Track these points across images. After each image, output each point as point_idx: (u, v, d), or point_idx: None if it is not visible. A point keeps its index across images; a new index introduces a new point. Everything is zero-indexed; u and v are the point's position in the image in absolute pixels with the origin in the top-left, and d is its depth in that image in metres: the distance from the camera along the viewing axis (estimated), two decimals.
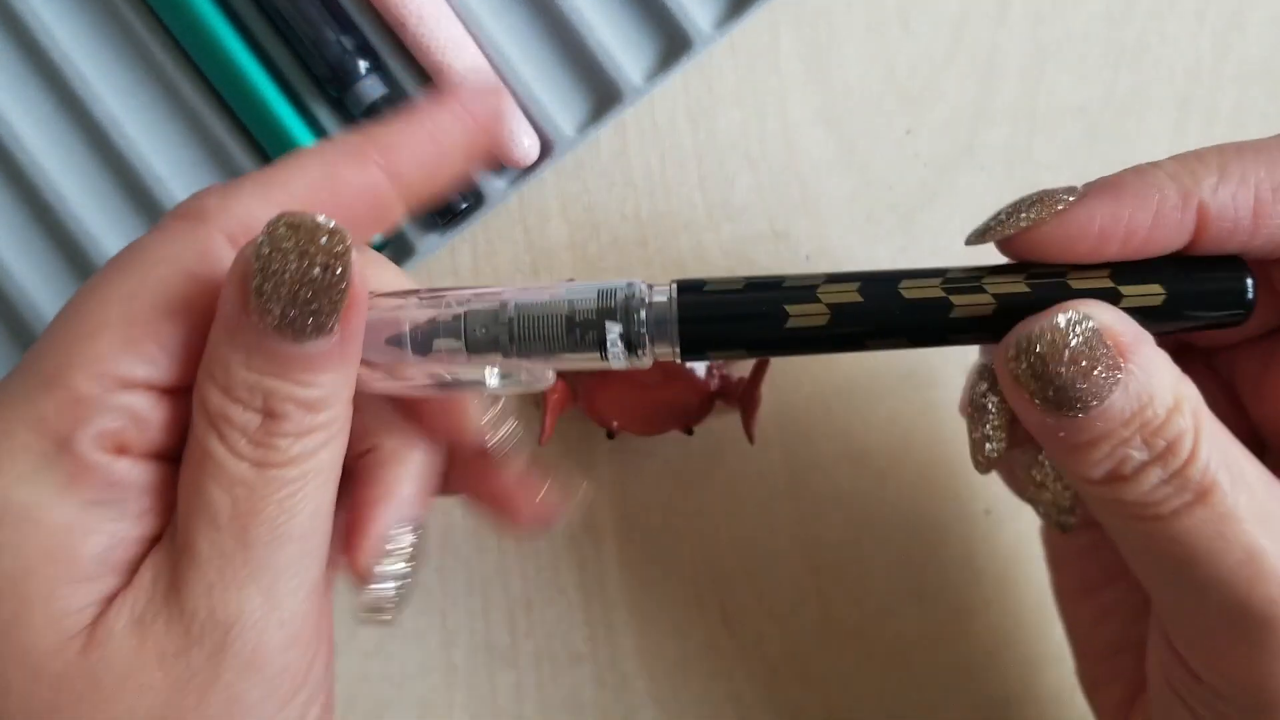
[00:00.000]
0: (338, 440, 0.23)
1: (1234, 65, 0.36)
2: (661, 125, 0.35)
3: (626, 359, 0.24)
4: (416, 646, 0.35)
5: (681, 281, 0.24)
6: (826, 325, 0.23)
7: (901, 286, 0.23)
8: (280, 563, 0.23)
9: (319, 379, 0.23)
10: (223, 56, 0.32)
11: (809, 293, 0.23)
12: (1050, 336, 0.22)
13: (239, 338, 0.22)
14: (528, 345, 0.24)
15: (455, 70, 0.33)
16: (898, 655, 0.36)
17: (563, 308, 0.23)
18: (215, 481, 0.22)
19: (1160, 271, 0.23)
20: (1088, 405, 0.22)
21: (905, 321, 0.23)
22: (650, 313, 0.23)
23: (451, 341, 0.24)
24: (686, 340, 0.23)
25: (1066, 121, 0.36)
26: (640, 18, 0.34)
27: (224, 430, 0.22)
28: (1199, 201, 0.23)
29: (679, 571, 0.35)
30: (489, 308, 0.24)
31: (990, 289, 0.23)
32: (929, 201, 0.36)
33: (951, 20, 0.36)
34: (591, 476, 0.35)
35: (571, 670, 0.35)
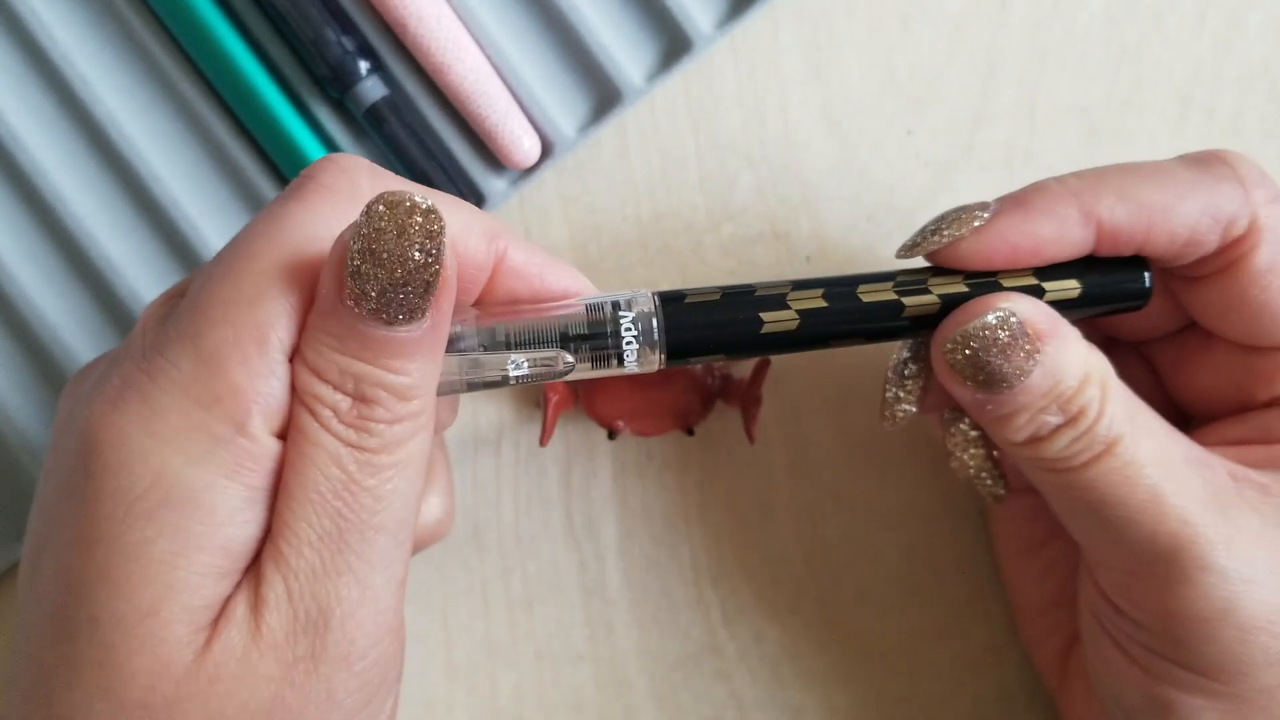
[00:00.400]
0: (426, 431, 0.24)
1: (1234, 66, 0.36)
2: (662, 126, 0.35)
3: (620, 365, 0.26)
4: (418, 646, 0.35)
5: (663, 293, 0.27)
6: (796, 330, 0.27)
7: (859, 291, 0.27)
8: (374, 553, 0.23)
9: (409, 365, 0.23)
10: (224, 57, 0.32)
11: (780, 300, 0.27)
12: (983, 332, 0.26)
13: (333, 321, 0.22)
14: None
15: (456, 71, 0.33)
16: (898, 654, 0.36)
17: (556, 328, 0.26)
18: (311, 461, 0.23)
19: (1076, 269, 0.27)
20: (1012, 384, 0.26)
21: (864, 322, 0.27)
22: (641, 326, 0.26)
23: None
24: (673, 348, 0.26)
25: (1067, 122, 0.36)
26: (641, 18, 0.34)
27: (316, 409, 0.23)
28: (1098, 219, 0.27)
29: (679, 571, 0.35)
30: (484, 329, 0.26)
31: (935, 290, 0.27)
32: (929, 202, 0.36)
33: (952, 21, 0.36)
34: (593, 477, 0.35)
35: (572, 670, 0.35)
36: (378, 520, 0.23)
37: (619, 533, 0.35)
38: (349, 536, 0.23)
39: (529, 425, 0.35)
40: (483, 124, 0.33)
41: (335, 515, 0.23)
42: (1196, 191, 0.27)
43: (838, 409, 0.36)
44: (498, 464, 0.35)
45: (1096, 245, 0.27)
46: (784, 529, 0.36)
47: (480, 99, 0.33)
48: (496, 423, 0.35)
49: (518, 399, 0.35)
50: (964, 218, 0.27)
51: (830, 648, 0.36)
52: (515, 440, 0.35)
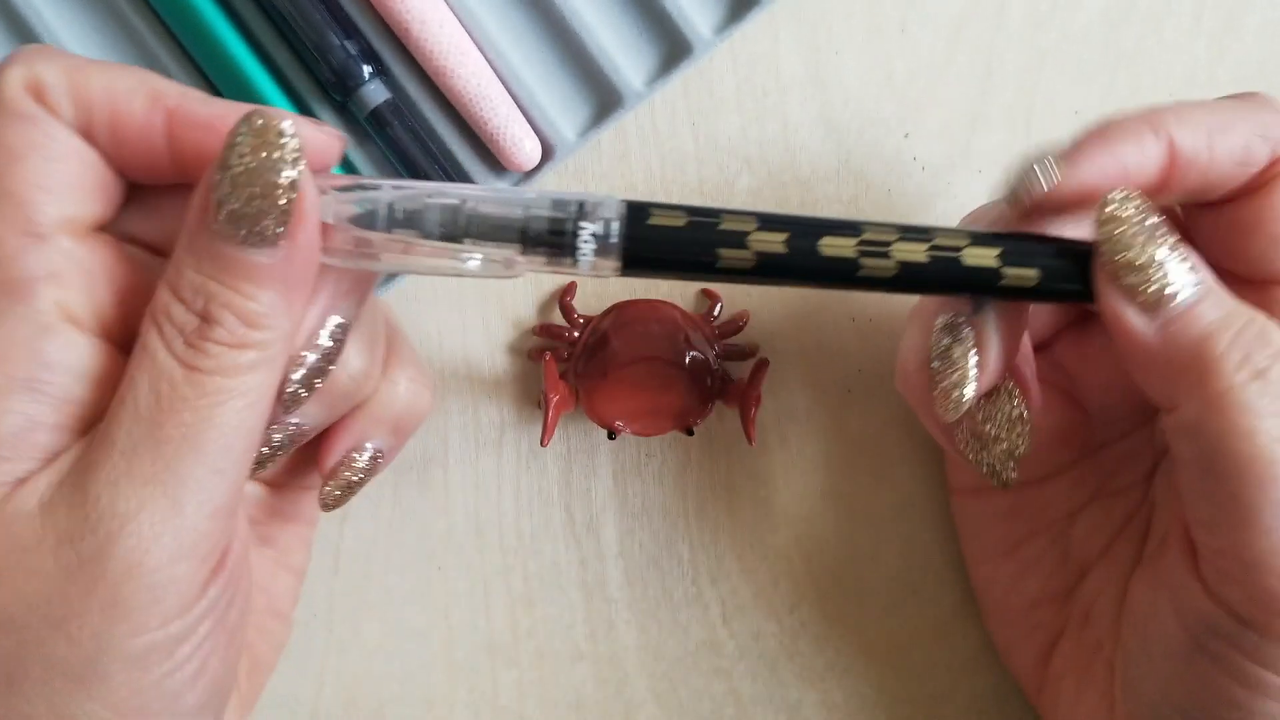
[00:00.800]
0: (269, 368, 0.24)
1: (1230, 69, 0.36)
2: (662, 129, 0.35)
3: (575, 265, 0.25)
4: (419, 644, 0.35)
5: (631, 202, 0.26)
6: (751, 269, 0.26)
7: (821, 244, 0.26)
8: (189, 471, 0.23)
9: (260, 293, 0.23)
10: (227, 61, 0.33)
11: (740, 239, 0.26)
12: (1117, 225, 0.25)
13: (195, 240, 0.23)
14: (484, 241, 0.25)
15: (459, 75, 0.33)
16: (897, 652, 0.36)
17: (518, 216, 0.25)
18: (144, 373, 0.23)
19: (1035, 258, 0.26)
20: None
21: (819, 272, 0.26)
22: (602, 228, 0.25)
23: (411, 233, 0.25)
24: (628, 258, 0.26)
25: (1064, 124, 0.36)
26: (641, 23, 0.34)
27: (163, 325, 0.23)
28: (1170, 138, 0.26)
29: (678, 570, 0.36)
30: (449, 203, 0.25)
31: (895, 255, 0.26)
32: (927, 205, 0.36)
33: (950, 24, 0.36)
34: (593, 476, 0.35)
35: (572, 668, 0.35)
36: (197, 438, 0.23)
37: (619, 531, 0.36)
38: (163, 448, 0.23)
39: (530, 425, 0.35)
40: (484, 127, 0.33)
41: (152, 425, 0.23)
42: (1247, 115, 0.27)
43: (836, 409, 0.36)
44: (499, 463, 0.35)
45: (1169, 165, 0.27)
46: (783, 528, 0.36)
47: (482, 103, 0.33)
48: (498, 423, 0.35)
49: (518, 399, 0.35)
50: (1050, 160, 0.26)
51: (828, 646, 0.36)
52: (516, 440, 0.35)
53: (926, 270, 0.26)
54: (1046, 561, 0.32)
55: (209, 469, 0.23)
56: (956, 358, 0.27)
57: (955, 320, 0.27)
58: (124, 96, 0.24)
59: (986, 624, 0.35)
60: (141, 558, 0.23)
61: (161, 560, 0.23)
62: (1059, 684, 0.32)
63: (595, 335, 0.34)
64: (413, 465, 0.35)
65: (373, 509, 0.35)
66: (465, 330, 0.35)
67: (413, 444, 0.35)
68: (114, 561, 0.22)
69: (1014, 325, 0.28)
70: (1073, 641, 0.32)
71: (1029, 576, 0.33)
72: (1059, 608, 0.32)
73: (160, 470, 0.23)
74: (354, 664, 0.35)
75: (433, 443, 0.35)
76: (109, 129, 0.24)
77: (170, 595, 0.23)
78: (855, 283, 0.26)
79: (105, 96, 0.24)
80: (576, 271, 0.26)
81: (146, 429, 0.23)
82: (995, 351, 0.27)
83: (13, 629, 0.23)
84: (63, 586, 0.23)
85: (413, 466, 0.35)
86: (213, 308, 0.23)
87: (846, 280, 0.26)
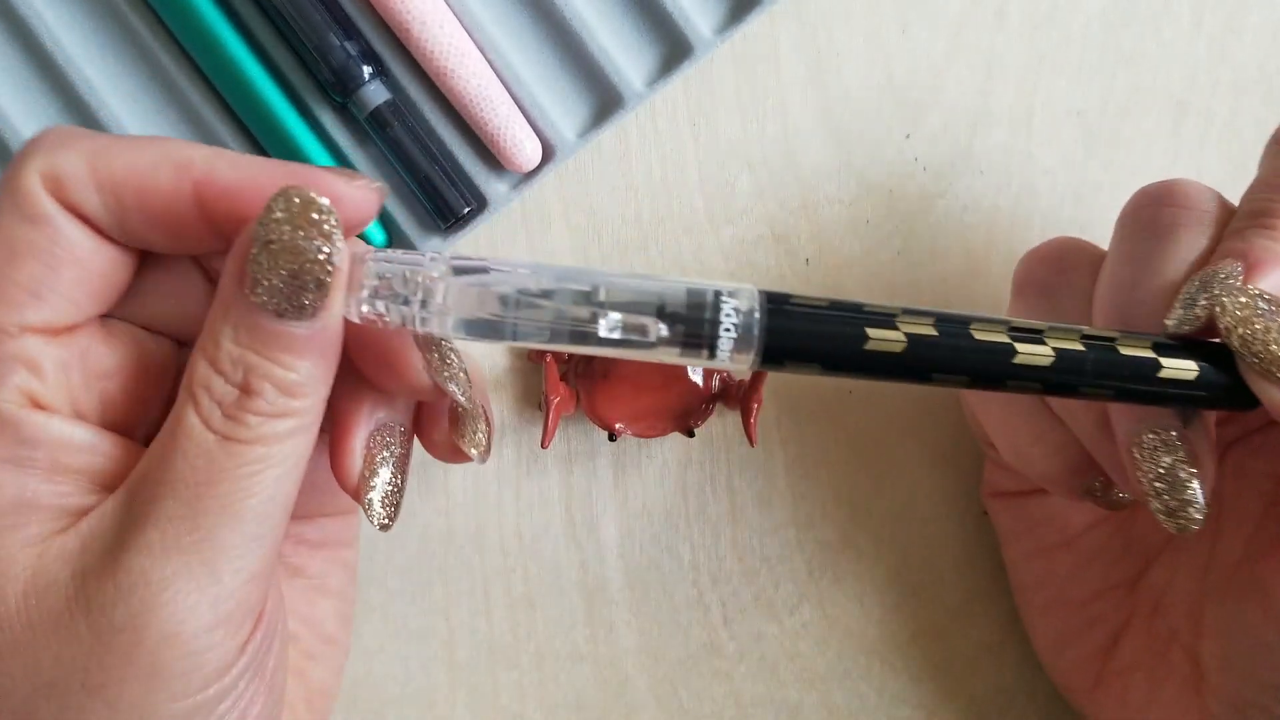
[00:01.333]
0: (305, 434, 0.24)
1: (1230, 70, 0.36)
2: (663, 129, 0.35)
3: (711, 356, 0.24)
4: (420, 645, 0.35)
5: (770, 293, 0.24)
6: (902, 353, 0.24)
7: (972, 328, 0.25)
8: (227, 541, 0.23)
9: (298, 363, 0.23)
10: (228, 62, 0.33)
11: (888, 320, 0.24)
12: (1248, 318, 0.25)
13: (231, 312, 0.23)
14: None
15: (459, 75, 0.33)
16: (896, 653, 0.36)
17: (653, 301, 0.24)
18: (181, 449, 0.23)
19: (1194, 352, 0.25)
20: None
21: (973, 361, 0.25)
22: (741, 319, 0.24)
23: None
24: (769, 351, 0.24)
25: (1064, 126, 0.36)
26: (642, 23, 0.34)
27: (200, 399, 0.23)
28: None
29: (679, 571, 0.36)
30: (580, 289, 0.24)
31: (1050, 341, 0.25)
32: (928, 205, 0.36)
33: (950, 25, 0.36)
34: (593, 478, 0.35)
35: (572, 669, 0.35)
36: (236, 509, 0.23)
37: (620, 533, 0.36)
38: (200, 519, 0.23)
39: (530, 427, 0.35)
40: (485, 128, 0.33)
41: (190, 497, 0.23)
42: None
43: (837, 410, 0.36)
44: (499, 465, 0.35)
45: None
46: (783, 529, 0.36)
47: (482, 103, 0.33)
48: (498, 424, 0.35)
49: (519, 401, 0.35)
50: (1225, 278, 0.26)
51: (829, 647, 0.36)
52: (517, 441, 0.35)
53: (1084, 359, 0.25)
54: (1109, 551, 0.32)
55: (246, 537, 0.23)
56: (1184, 479, 0.26)
57: (1170, 438, 0.26)
58: (148, 172, 0.24)
59: (1035, 622, 0.34)
60: (179, 627, 0.23)
61: (199, 628, 0.23)
62: (1128, 676, 0.31)
63: None
64: (413, 467, 0.35)
65: None
66: None
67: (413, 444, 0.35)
68: (151, 630, 0.23)
69: (1212, 428, 0.27)
70: (1142, 632, 0.31)
71: (1090, 568, 0.32)
72: (1122, 598, 0.32)
73: (198, 540, 0.23)
74: (354, 665, 0.35)
75: None
76: (138, 207, 0.24)
77: (209, 661, 0.23)
78: (1007, 375, 0.25)
79: (129, 175, 0.24)
80: (712, 364, 0.25)
81: (184, 501, 0.23)
82: (1210, 463, 0.26)
83: (54, 694, 0.23)
84: (100, 655, 0.23)
85: (413, 468, 0.35)
86: (252, 379, 0.23)
87: (1001, 371, 0.25)
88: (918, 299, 0.36)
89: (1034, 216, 0.36)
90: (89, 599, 0.23)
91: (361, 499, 0.26)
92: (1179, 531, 0.26)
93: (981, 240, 0.36)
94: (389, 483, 0.27)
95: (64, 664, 0.23)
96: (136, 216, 0.24)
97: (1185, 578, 0.31)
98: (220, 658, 0.24)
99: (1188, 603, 0.31)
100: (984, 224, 0.36)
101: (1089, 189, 0.36)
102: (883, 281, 0.36)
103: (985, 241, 0.36)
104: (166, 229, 0.25)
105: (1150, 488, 0.26)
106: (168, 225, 0.25)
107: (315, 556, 0.31)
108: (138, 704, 0.23)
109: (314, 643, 0.30)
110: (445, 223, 0.34)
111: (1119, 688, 0.32)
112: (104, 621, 0.23)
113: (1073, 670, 0.33)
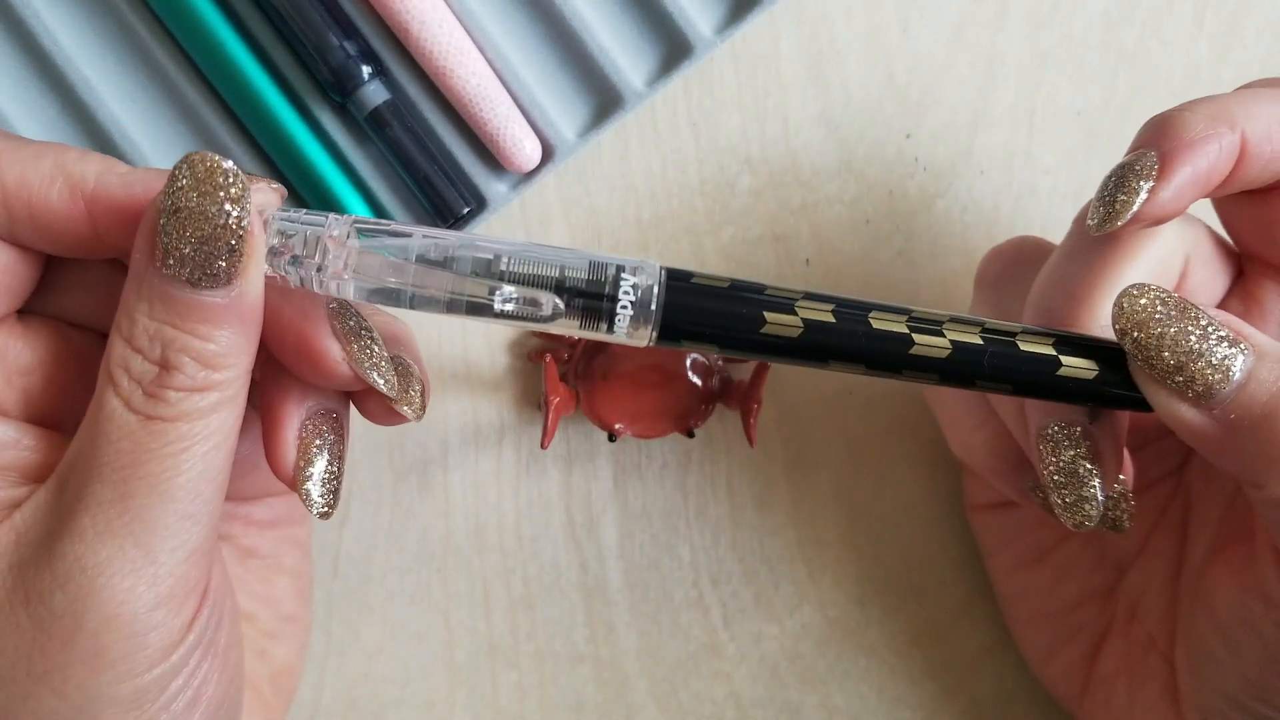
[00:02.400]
0: (230, 407, 0.24)
1: (1232, 69, 0.36)
2: (663, 129, 0.35)
3: (609, 330, 0.25)
4: (419, 646, 0.35)
5: (671, 270, 0.25)
6: (798, 338, 0.25)
7: (871, 316, 0.25)
8: (159, 519, 0.23)
9: (216, 333, 0.23)
10: (227, 62, 0.32)
11: (788, 304, 0.25)
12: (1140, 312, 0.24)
13: (144, 286, 0.23)
14: None
15: (458, 75, 0.33)
16: (898, 655, 0.36)
17: (554, 274, 0.24)
18: (104, 433, 0.23)
19: (1094, 353, 0.25)
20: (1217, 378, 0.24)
21: (869, 348, 0.25)
22: (639, 295, 0.24)
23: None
24: (666, 327, 0.25)
25: (1065, 125, 0.36)
26: (642, 23, 0.34)
27: (119, 380, 0.23)
28: (1243, 134, 0.25)
29: (679, 572, 0.36)
30: (482, 257, 0.24)
31: (949, 334, 0.25)
32: (928, 205, 0.36)
33: (951, 24, 0.36)
34: (593, 478, 0.35)
35: (572, 670, 0.35)
36: (165, 488, 0.23)
37: (619, 534, 0.35)
38: (131, 501, 0.23)
39: (530, 427, 0.35)
40: (484, 128, 0.33)
41: (117, 481, 0.23)
42: None
43: (837, 411, 0.36)
44: (499, 465, 0.35)
45: (1236, 166, 0.26)
46: (784, 530, 0.36)
47: (482, 103, 0.33)
48: (498, 424, 0.35)
49: (518, 401, 0.35)
50: (1140, 172, 0.26)
51: (829, 649, 0.36)
52: (516, 442, 0.35)
53: (982, 353, 0.25)
54: (1083, 562, 0.32)
55: (179, 515, 0.23)
56: (1083, 475, 0.26)
57: (1072, 432, 0.26)
58: (40, 187, 0.24)
59: (1020, 634, 0.34)
60: (118, 609, 0.23)
61: (139, 609, 0.23)
62: (1110, 684, 0.31)
63: None
64: (412, 467, 0.35)
65: (372, 511, 0.35)
66: (465, 332, 0.35)
67: (412, 446, 0.35)
68: (90, 615, 0.23)
69: (1123, 428, 0.27)
70: (1121, 639, 0.31)
71: (1066, 579, 0.32)
72: (1101, 606, 0.32)
73: (130, 521, 0.23)
74: (354, 666, 0.35)
75: (432, 444, 0.35)
76: (28, 220, 0.24)
77: (153, 641, 0.23)
78: (904, 365, 0.25)
79: (20, 189, 0.24)
80: (611, 338, 0.25)
81: (112, 484, 0.23)
82: (1114, 462, 0.26)
83: (1, 684, 0.23)
84: (42, 643, 0.23)
85: (412, 469, 0.35)
86: (170, 354, 0.23)
87: (897, 361, 0.25)
88: (918, 299, 0.35)
89: (1034, 216, 0.36)
90: (27, 589, 0.23)
91: (299, 489, 0.26)
92: (1076, 529, 0.26)
93: (981, 240, 0.36)
94: (325, 470, 0.26)
95: (7, 654, 0.23)
96: (27, 228, 0.24)
97: (1159, 583, 0.31)
98: (164, 637, 0.24)
99: (1162, 608, 0.31)
100: (984, 224, 0.36)
101: (1089, 189, 0.36)
102: (883, 281, 0.36)
103: (985, 241, 0.36)
104: (59, 241, 0.25)
105: (1050, 481, 0.26)
106: (60, 238, 0.25)
107: (267, 536, 0.31)
108: (84, 687, 0.23)
109: (274, 622, 0.30)
110: (445, 223, 0.34)
111: (1103, 695, 0.32)
112: (43, 610, 0.23)
113: (1061, 679, 0.33)
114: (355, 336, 0.25)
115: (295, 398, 0.26)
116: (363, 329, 0.25)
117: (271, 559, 0.31)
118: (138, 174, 0.25)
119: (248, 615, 0.30)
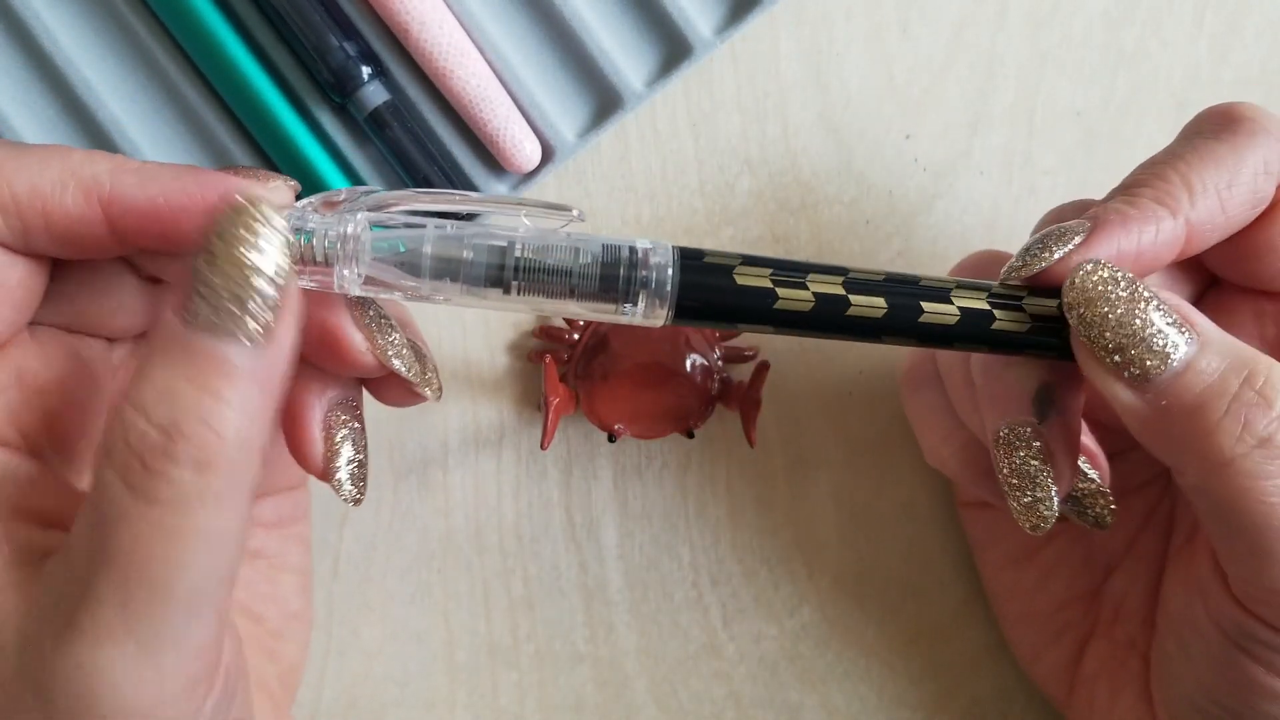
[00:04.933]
0: (236, 500, 0.22)
1: (1232, 70, 0.36)
2: (662, 130, 0.35)
3: (630, 314, 0.25)
4: (419, 647, 0.35)
5: (683, 249, 0.25)
6: (809, 312, 0.25)
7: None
8: (162, 621, 0.21)
9: (231, 394, 0.21)
10: (227, 63, 0.32)
11: (799, 279, 0.25)
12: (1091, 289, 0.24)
13: (163, 340, 0.21)
14: (531, 288, 0.25)
15: (458, 76, 0.33)
16: (898, 655, 0.36)
17: (568, 257, 0.24)
18: (104, 519, 0.21)
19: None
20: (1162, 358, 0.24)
21: (888, 320, 0.26)
22: (654, 275, 0.25)
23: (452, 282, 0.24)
24: (681, 306, 0.25)
25: (1065, 125, 0.36)
26: (641, 24, 0.34)
27: (115, 450, 0.21)
28: (1186, 220, 0.26)
29: (679, 573, 0.36)
30: (497, 244, 0.24)
31: (957, 301, 0.26)
32: (928, 206, 0.36)
33: (951, 25, 0.36)
34: (593, 479, 0.35)
35: (572, 670, 0.35)
36: (166, 593, 0.21)
37: (619, 534, 0.35)
38: (132, 605, 0.21)
39: (530, 428, 0.35)
40: (484, 129, 0.33)
41: (120, 581, 0.21)
42: (1246, 154, 0.26)
43: (837, 411, 0.36)
44: (499, 466, 0.35)
45: (1187, 239, 0.26)
46: (783, 530, 0.36)
47: (482, 104, 0.33)
48: (498, 425, 0.35)
49: (518, 402, 0.35)
50: (1061, 241, 0.26)
51: (829, 649, 0.36)
52: (516, 443, 0.35)
53: (986, 316, 0.26)
54: (1070, 562, 0.32)
55: (185, 616, 0.22)
56: (1035, 475, 0.26)
57: (1022, 433, 0.26)
58: (54, 193, 0.23)
59: (1009, 632, 0.34)
60: (124, 704, 0.21)
61: (147, 705, 0.22)
62: (1093, 685, 0.31)
63: (595, 337, 0.34)
64: (412, 467, 0.35)
65: (372, 511, 0.35)
66: (465, 332, 0.35)
67: (412, 446, 0.35)
68: (96, 712, 0.21)
69: (1076, 427, 0.27)
70: (1104, 640, 0.32)
71: (1053, 579, 0.33)
72: (1087, 607, 0.32)
73: (132, 625, 0.21)
74: (354, 667, 0.35)
75: (432, 445, 0.35)
76: (44, 230, 0.23)
77: None
78: (917, 333, 0.26)
79: (33, 197, 0.23)
80: (627, 318, 0.25)
81: (112, 584, 0.21)
82: (1068, 462, 0.26)
83: None
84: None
85: (412, 469, 0.35)
86: (179, 416, 0.21)
87: (904, 328, 0.26)
88: None
89: (1033, 216, 0.36)
90: (33, 678, 0.22)
91: (331, 480, 0.25)
92: (1033, 532, 0.26)
93: (981, 240, 0.36)
94: (352, 459, 0.26)
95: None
96: (42, 235, 0.24)
97: (1142, 586, 0.31)
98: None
99: (1143, 611, 0.31)
100: (984, 224, 0.36)
101: (1089, 189, 0.36)
102: None
103: (985, 241, 0.36)
104: (75, 246, 0.24)
105: (1006, 483, 0.26)
106: (76, 243, 0.24)
107: (272, 536, 0.31)
108: None
109: (281, 621, 0.30)
110: None
111: (1087, 696, 0.32)
112: (48, 704, 0.22)
113: (1048, 679, 0.33)
114: (377, 326, 0.25)
115: (316, 389, 0.26)
116: (381, 317, 0.25)
117: (277, 558, 0.31)
118: (150, 170, 0.24)
119: (256, 617, 0.30)
